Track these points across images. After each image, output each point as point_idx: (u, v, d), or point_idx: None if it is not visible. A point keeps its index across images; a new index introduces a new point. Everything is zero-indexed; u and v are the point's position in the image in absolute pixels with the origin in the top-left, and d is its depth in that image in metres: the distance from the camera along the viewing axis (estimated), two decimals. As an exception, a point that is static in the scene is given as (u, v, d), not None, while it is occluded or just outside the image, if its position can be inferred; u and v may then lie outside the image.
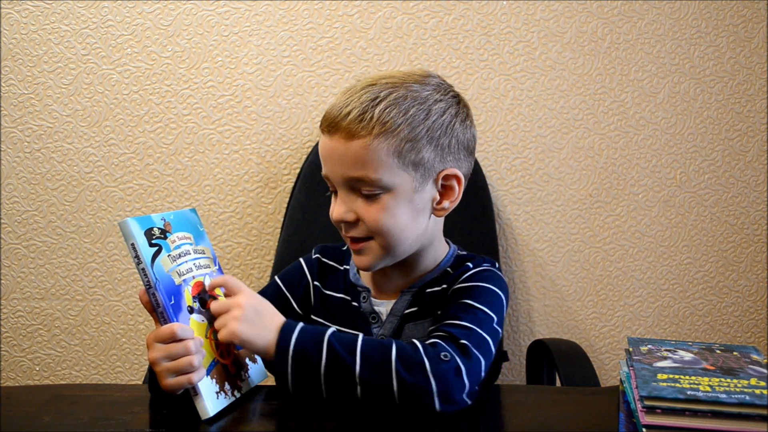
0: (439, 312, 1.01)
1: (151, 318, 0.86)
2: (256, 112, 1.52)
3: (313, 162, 1.45)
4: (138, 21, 1.49)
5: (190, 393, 0.84)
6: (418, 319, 1.03)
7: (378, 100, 0.94)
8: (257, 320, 0.88)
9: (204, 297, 0.90)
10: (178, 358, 0.83)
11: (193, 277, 0.89)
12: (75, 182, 1.52)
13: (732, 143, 1.59)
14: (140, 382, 0.89)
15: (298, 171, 1.48)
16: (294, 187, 1.46)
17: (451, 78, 1.48)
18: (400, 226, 0.97)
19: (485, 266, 1.05)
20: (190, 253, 0.90)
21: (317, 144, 1.46)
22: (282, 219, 1.48)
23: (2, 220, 1.52)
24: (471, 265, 1.04)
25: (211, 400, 0.84)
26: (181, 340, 0.83)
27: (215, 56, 1.51)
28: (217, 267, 0.95)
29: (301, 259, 1.12)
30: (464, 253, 1.10)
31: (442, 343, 0.88)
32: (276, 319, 0.89)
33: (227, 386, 0.88)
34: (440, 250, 1.07)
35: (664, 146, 1.59)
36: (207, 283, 0.91)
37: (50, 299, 1.55)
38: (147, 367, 0.90)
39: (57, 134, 1.51)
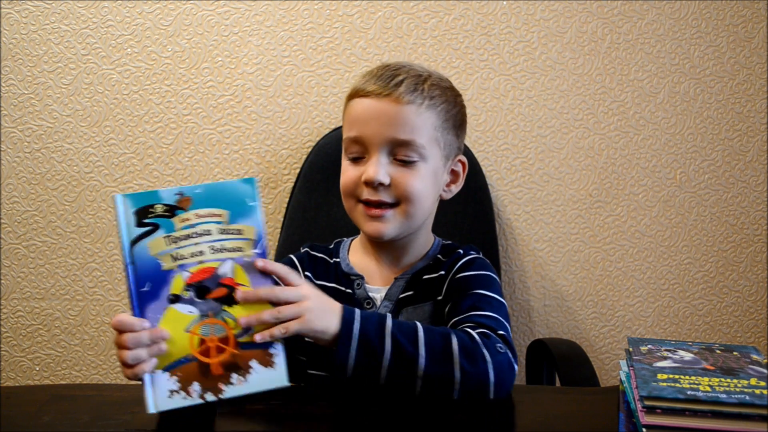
0: (439, 298, 1.04)
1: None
2: (256, 112, 1.52)
3: (313, 162, 1.45)
4: (138, 21, 1.49)
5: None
6: (416, 303, 1.05)
7: (424, 78, 1.02)
8: (325, 308, 0.86)
9: (207, 285, 0.80)
10: (120, 350, 0.81)
11: (201, 262, 0.80)
12: (75, 182, 1.52)
13: (732, 143, 1.59)
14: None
15: (298, 171, 1.48)
16: (294, 187, 1.46)
17: (451, 78, 1.47)
18: (425, 195, 1.02)
19: (473, 254, 1.09)
20: (210, 233, 0.79)
21: (317, 144, 1.47)
22: (282, 219, 1.48)
23: (2, 220, 1.52)
24: (462, 252, 1.08)
25: (159, 396, 0.79)
26: (122, 332, 0.79)
27: (215, 56, 1.51)
28: (257, 251, 0.82)
29: (291, 255, 1.15)
30: (448, 242, 1.14)
31: (494, 335, 0.91)
32: (336, 306, 0.87)
33: (196, 387, 0.80)
34: (429, 238, 1.12)
35: (664, 146, 1.58)
36: (225, 269, 0.81)
37: (50, 299, 1.54)
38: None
39: (57, 134, 1.51)
